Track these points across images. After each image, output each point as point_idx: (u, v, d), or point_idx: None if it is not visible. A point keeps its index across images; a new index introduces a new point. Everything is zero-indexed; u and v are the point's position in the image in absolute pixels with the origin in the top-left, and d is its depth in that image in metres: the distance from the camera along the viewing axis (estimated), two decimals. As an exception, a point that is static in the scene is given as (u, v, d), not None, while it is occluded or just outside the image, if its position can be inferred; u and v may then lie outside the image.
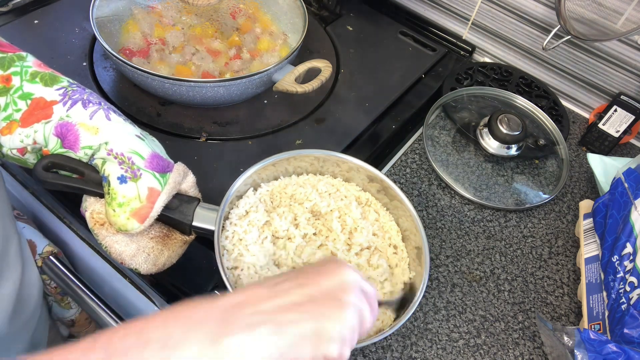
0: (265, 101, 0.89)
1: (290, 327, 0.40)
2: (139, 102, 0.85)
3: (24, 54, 0.61)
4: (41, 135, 0.58)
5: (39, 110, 0.57)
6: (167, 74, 0.78)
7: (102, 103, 0.60)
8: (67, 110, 0.58)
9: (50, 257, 0.76)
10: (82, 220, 0.67)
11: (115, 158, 0.57)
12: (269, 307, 0.41)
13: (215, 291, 0.66)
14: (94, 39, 0.92)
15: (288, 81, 0.81)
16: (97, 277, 0.82)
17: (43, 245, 0.77)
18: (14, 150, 0.59)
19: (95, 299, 0.73)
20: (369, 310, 0.47)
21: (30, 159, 0.61)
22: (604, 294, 0.68)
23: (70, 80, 0.62)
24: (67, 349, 0.35)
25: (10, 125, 0.57)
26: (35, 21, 0.94)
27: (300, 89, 0.80)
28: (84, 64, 0.88)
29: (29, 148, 0.59)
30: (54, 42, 0.91)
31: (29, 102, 0.58)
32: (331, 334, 0.42)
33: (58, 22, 0.94)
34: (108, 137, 0.58)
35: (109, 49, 0.77)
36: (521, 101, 0.96)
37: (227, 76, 0.82)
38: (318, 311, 0.42)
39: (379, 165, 0.85)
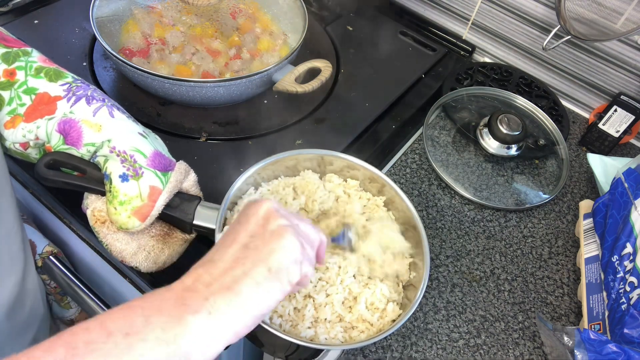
0: (265, 101, 0.89)
1: (242, 282, 0.41)
2: (139, 102, 0.85)
3: (29, 49, 0.61)
4: (43, 131, 0.58)
5: (42, 106, 0.57)
6: (167, 74, 0.78)
7: (106, 100, 0.60)
8: (71, 107, 0.58)
9: (50, 257, 0.76)
10: (82, 220, 0.67)
11: (118, 156, 0.57)
12: (216, 273, 0.42)
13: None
14: (94, 39, 0.92)
15: (288, 81, 0.81)
16: (97, 277, 0.82)
17: (43, 245, 0.77)
18: (16, 144, 0.59)
19: (95, 299, 0.73)
20: (306, 225, 0.49)
21: (33, 153, 0.61)
22: (604, 294, 0.68)
23: (75, 76, 0.62)
24: (31, 349, 0.35)
25: (14, 119, 0.57)
26: (35, 21, 0.94)
27: (300, 89, 0.80)
28: (84, 64, 0.88)
29: (31, 143, 0.59)
30: (54, 42, 0.91)
31: (33, 97, 0.58)
32: (283, 263, 0.43)
33: (58, 22, 0.94)
34: (111, 134, 0.58)
35: (109, 49, 0.77)
36: (521, 101, 0.97)
37: (227, 76, 0.82)
38: (257, 253, 0.43)
39: (379, 165, 0.85)
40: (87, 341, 0.36)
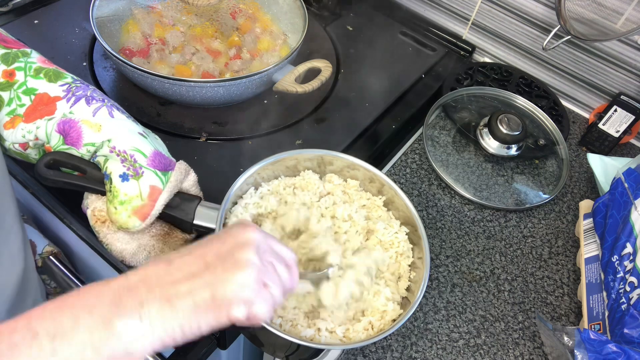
0: (265, 101, 0.89)
1: (182, 300, 0.39)
2: (139, 102, 0.85)
3: (28, 50, 0.61)
4: (43, 132, 0.58)
5: (42, 106, 0.58)
6: (167, 74, 0.78)
7: (106, 100, 0.61)
8: (71, 107, 0.58)
9: (50, 257, 0.76)
10: (82, 220, 0.67)
11: (118, 155, 0.57)
12: (165, 280, 0.40)
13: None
14: (94, 39, 0.92)
15: (288, 81, 0.81)
16: (97, 277, 0.82)
17: (43, 245, 0.77)
18: (15, 145, 0.59)
19: (95, 299, 0.73)
20: (281, 266, 0.45)
21: (32, 154, 0.61)
22: (604, 294, 0.68)
23: (74, 77, 0.62)
24: None
25: (14, 120, 0.58)
26: (36, 21, 0.94)
27: (300, 89, 0.80)
28: (84, 64, 0.88)
29: (30, 144, 0.59)
30: (54, 42, 0.91)
31: (32, 97, 0.58)
32: (228, 297, 0.40)
33: (58, 22, 0.94)
34: (111, 134, 0.58)
35: (109, 49, 0.77)
36: (521, 101, 0.97)
37: (227, 76, 0.82)
38: (212, 276, 0.41)
39: (379, 165, 0.85)
40: (12, 344, 0.34)
